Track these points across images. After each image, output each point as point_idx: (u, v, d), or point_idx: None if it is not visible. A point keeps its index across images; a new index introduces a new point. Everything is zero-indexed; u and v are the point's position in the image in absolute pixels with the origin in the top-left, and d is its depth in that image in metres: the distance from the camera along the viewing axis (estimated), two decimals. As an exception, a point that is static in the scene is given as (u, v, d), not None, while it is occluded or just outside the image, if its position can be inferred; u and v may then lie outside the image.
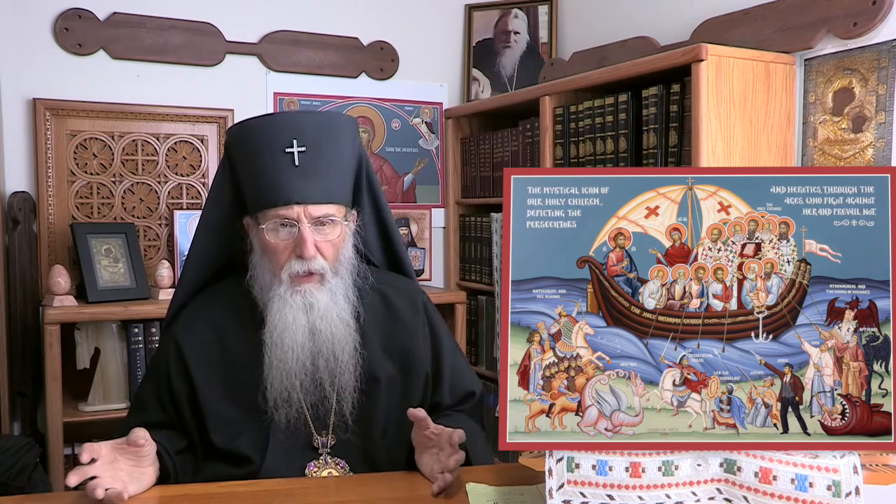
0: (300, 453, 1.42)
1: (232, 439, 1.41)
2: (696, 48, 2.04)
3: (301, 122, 1.43)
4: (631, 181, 1.09)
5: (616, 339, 1.08)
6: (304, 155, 1.40)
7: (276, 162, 1.40)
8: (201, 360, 1.45)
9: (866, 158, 2.00)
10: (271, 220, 1.40)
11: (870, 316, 1.06)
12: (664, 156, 2.20)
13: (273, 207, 1.40)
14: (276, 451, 1.40)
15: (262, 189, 1.41)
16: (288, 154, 1.39)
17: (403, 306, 1.56)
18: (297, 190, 1.39)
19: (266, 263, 1.44)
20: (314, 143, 1.41)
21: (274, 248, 1.41)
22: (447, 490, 1.26)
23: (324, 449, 1.44)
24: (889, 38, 1.95)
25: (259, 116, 1.47)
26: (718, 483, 1.07)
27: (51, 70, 2.67)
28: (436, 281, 3.32)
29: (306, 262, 1.39)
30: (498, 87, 3.25)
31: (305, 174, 1.40)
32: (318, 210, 1.40)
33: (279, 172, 1.39)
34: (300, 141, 1.40)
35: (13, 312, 2.53)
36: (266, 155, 1.40)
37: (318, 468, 1.42)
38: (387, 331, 1.52)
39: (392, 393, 1.49)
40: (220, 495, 1.28)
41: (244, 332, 1.46)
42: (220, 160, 1.52)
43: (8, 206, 2.56)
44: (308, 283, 1.41)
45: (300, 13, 3.03)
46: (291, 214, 1.39)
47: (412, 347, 1.52)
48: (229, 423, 1.42)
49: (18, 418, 2.59)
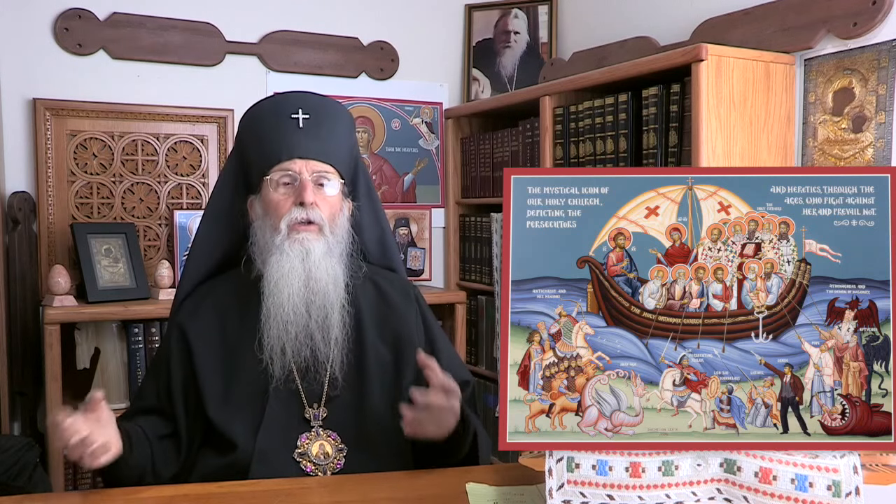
0: (294, 426, 1.44)
1: (228, 417, 1.43)
2: (696, 48, 2.04)
3: (306, 97, 1.55)
4: (631, 181, 1.09)
5: (616, 339, 1.08)
6: (308, 121, 1.51)
7: (282, 125, 1.51)
8: (204, 342, 1.49)
9: (866, 158, 2.00)
10: (276, 175, 1.48)
11: (870, 316, 1.06)
12: (664, 156, 2.20)
13: (277, 163, 1.48)
14: (271, 426, 1.42)
15: (268, 148, 1.50)
16: (293, 119, 1.51)
17: (396, 294, 1.61)
18: (300, 145, 1.49)
19: (267, 222, 1.49)
20: (317, 115, 1.52)
21: (276, 202, 1.47)
22: (446, 491, 1.26)
23: (316, 421, 1.45)
24: (889, 38, 1.95)
25: (269, 96, 1.59)
26: (718, 483, 1.07)
27: (51, 70, 2.67)
28: (436, 281, 3.32)
29: (305, 209, 1.46)
30: (498, 87, 3.25)
31: (308, 135, 1.50)
32: (318, 166, 1.49)
33: (284, 133, 1.50)
34: (305, 110, 1.51)
35: (13, 312, 2.53)
36: (273, 120, 1.52)
37: (310, 440, 1.43)
38: (380, 315, 1.56)
39: (384, 373, 1.51)
40: (219, 495, 1.28)
41: (246, 316, 1.49)
42: (229, 153, 1.65)
43: (8, 206, 2.56)
44: (306, 231, 1.46)
45: (300, 13, 3.03)
46: (294, 167, 1.47)
47: (405, 332, 1.56)
48: (226, 401, 1.44)
49: (18, 418, 2.59)
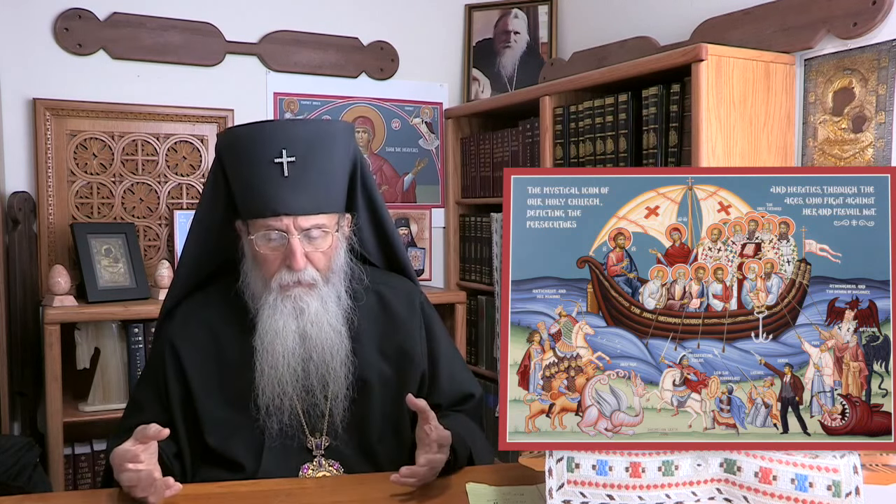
0: (295, 455, 1.42)
1: (226, 441, 1.41)
2: (696, 48, 2.04)
3: (291, 132, 1.41)
4: (631, 181, 1.09)
5: (616, 339, 1.08)
6: (294, 165, 1.38)
7: (265, 172, 1.38)
8: (196, 362, 1.45)
9: (866, 158, 2.00)
10: (261, 231, 1.40)
11: (870, 316, 1.06)
12: (664, 156, 2.20)
13: (262, 218, 1.39)
14: (271, 453, 1.40)
15: (251, 199, 1.41)
16: (277, 165, 1.38)
17: (400, 306, 1.55)
18: (285, 202, 1.38)
19: (257, 271, 1.44)
20: (304, 153, 1.39)
21: (264, 258, 1.41)
22: (446, 491, 1.26)
23: (318, 451, 1.44)
24: (889, 38, 1.95)
25: (249, 124, 1.46)
26: (718, 483, 1.07)
27: (51, 70, 2.67)
28: (436, 281, 3.32)
29: (296, 273, 1.39)
30: (498, 87, 3.25)
31: (294, 185, 1.38)
32: (307, 221, 1.39)
33: (267, 183, 1.38)
34: (289, 151, 1.38)
35: (13, 312, 2.53)
36: (254, 165, 1.39)
37: (313, 470, 1.42)
38: (383, 331, 1.52)
39: (388, 393, 1.48)
40: (219, 495, 1.28)
41: (238, 334, 1.46)
42: (213, 162, 1.52)
43: (8, 206, 2.56)
44: (298, 288, 1.40)
45: (300, 13, 3.03)
46: (280, 226, 1.38)
47: (408, 347, 1.52)
48: (224, 425, 1.42)
49: (18, 418, 2.59)
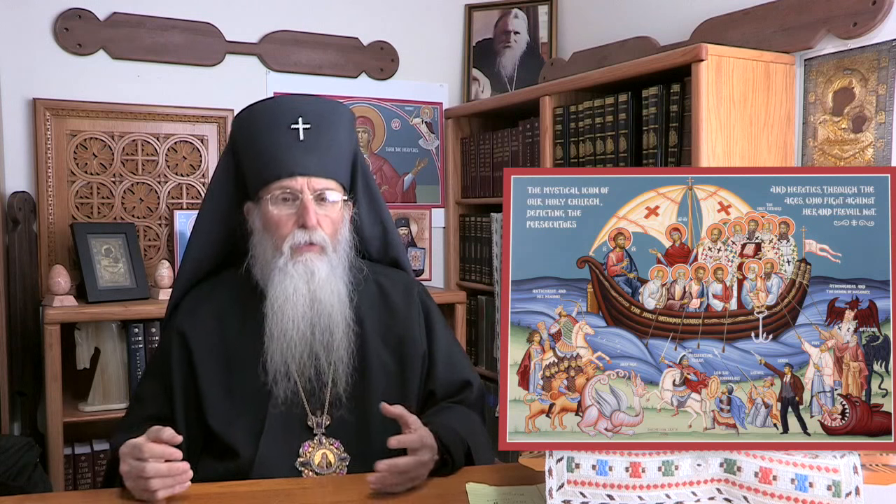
0: (296, 434, 1.43)
1: (228, 424, 1.42)
2: (696, 48, 2.04)
3: (305, 104, 1.49)
4: (631, 181, 1.09)
5: (616, 339, 1.08)
6: (309, 132, 1.45)
7: (282, 137, 1.45)
8: (204, 347, 1.47)
9: (866, 158, 2.00)
10: (275, 192, 1.44)
11: (870, 316, 1.06)
12: (664, 156, 2.20)
13: (277, 180, 1.44)
14: (272, 433, 1.41)
15: (267, 163, 1.45)
16: (293, 130, 1.45)
17: (398, 295, 1.58)
18: (301, 163, 1.44)
19: (268, 239, 1.46)
20: (317, 123, 1.47)
21: (277, 220, 1.44)
22: (446, 491, 1.26)
23: (318, 429, 1.44)
24: (889, 38, 1.95)
25: (265, 99, 1.53)
26: (718, 483, 1.07)
27: (51, 70, 2.67)
28: (436, 281, 3.32)
29: (308, 231, 1.43)
30: (498, 87, 3.25)
31: (309, 149, 1.45)
32: (320, 183, 1.45)
33: (284, 146, 1.45)
34: (305, 119, 1.46)
35: (13, 312, 2.53)
36: (272, 131, 1.46)
37: (313, 448, 1.42)
38: (383, 320, 1.54)
39: (389, 380, 1.50)
40: (219, 495, 1.28)
41: (245, 320, 1.48)
42: (223, 150, 1.57)
43: (8, 206, 2.56)
44: (309, 252, 1.43)
45: (300, 13, 3.03)
46: (295, 185, 1.43)
47: (408, 335, 1.54)
48: (227, 408, 1.43)
49: (18, 418, 2.59)
